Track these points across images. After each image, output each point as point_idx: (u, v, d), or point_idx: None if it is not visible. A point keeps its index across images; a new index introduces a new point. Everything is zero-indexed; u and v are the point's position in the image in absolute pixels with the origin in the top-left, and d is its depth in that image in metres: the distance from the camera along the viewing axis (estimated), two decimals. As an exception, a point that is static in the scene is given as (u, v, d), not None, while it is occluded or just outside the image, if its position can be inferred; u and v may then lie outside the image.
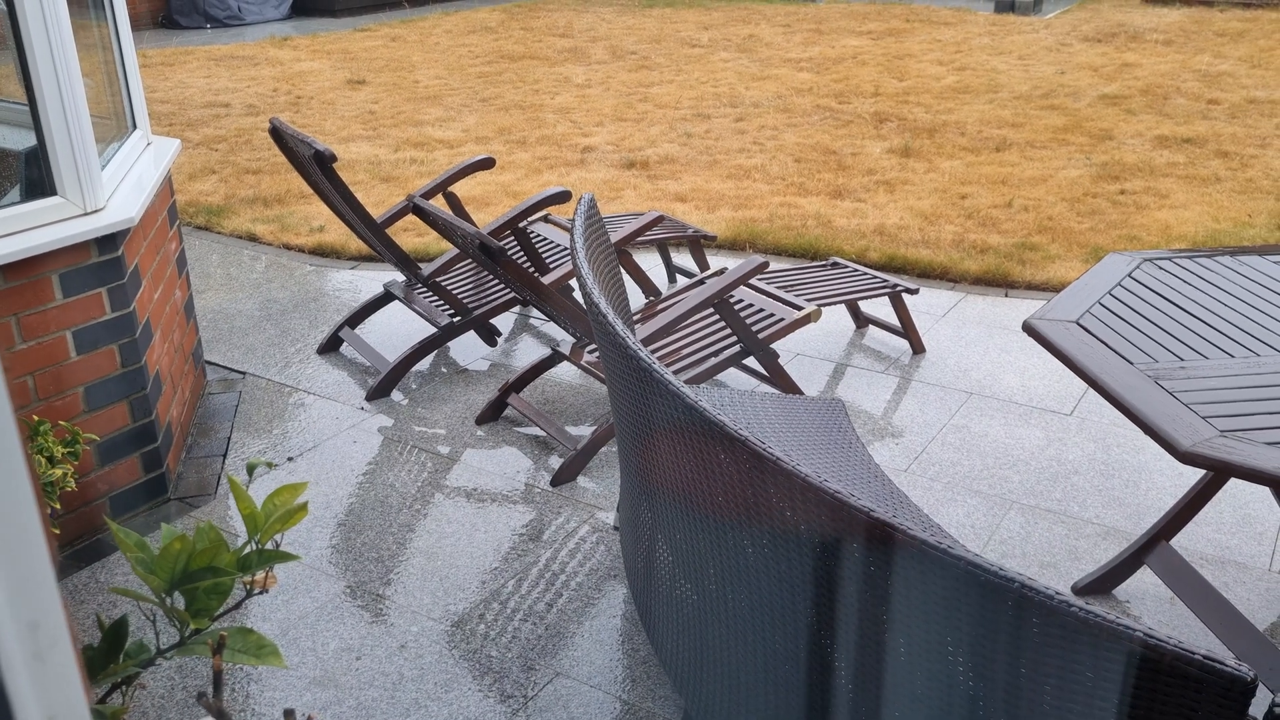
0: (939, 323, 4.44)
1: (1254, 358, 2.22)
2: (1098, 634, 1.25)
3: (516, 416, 3.78)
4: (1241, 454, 1.86)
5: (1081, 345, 2.25)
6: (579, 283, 2.14)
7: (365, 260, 5.33)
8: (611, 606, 2.82)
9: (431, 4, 14.91)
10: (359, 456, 3.53)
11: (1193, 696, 1.22)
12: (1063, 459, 3.45)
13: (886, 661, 1.56)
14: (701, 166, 6.74)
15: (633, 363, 1.81)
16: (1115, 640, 1.24)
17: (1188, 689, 1.21)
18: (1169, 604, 2.80)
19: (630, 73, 9.75)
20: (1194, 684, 1.21)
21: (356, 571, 2.95)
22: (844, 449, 2.49)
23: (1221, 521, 3.11)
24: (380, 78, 9.74)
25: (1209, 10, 12.49)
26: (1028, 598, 1.29)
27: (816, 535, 1.54)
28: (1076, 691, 1.31)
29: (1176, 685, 1.22)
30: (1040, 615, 1.29)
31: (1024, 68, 9.54)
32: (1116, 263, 2.70)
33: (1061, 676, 1.32)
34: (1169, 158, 6.66)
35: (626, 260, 4.30)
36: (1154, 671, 1.23)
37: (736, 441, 1.55)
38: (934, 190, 6.11)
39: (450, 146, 7.38)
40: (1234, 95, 8.25)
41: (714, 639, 2.01)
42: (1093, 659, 1.28)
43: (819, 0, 14.39)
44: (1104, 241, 5.25)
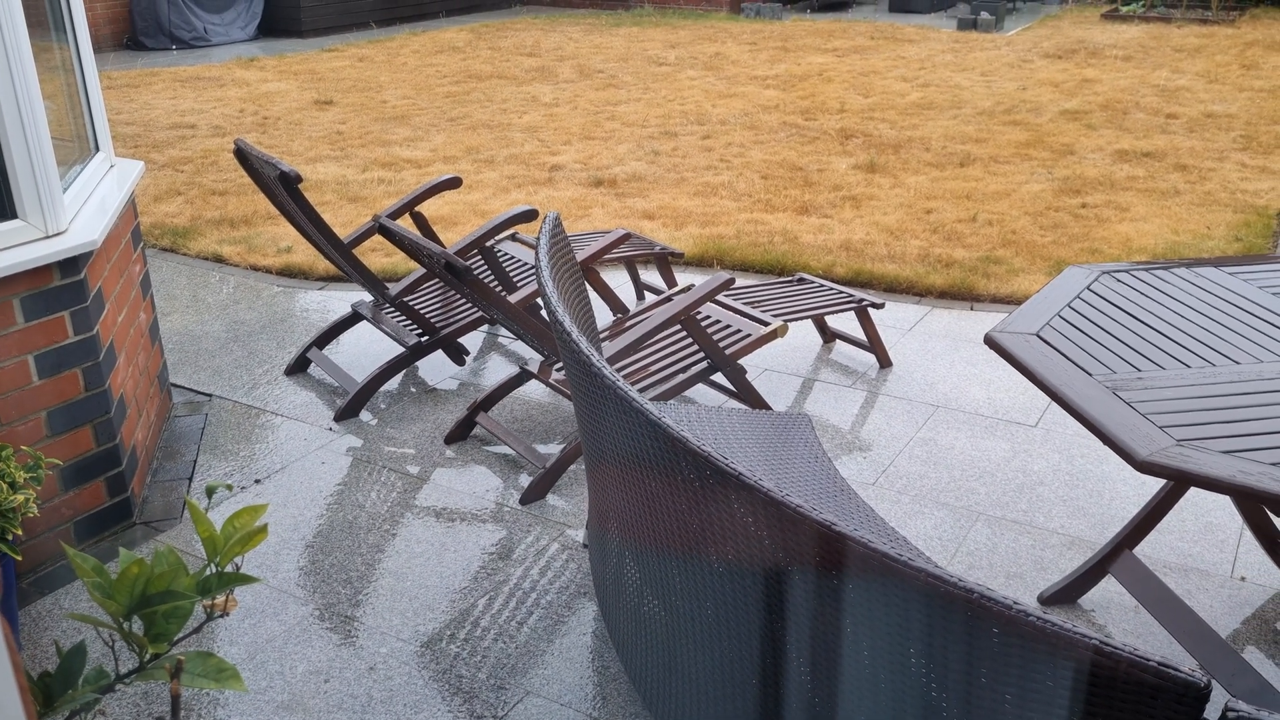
0: (905, 336, 4.48)
1: (1209, 368, 2.26)
2: (1055, 643, 1.27)
3: (485, 435, 3.78)
4: (1197, 462, 1.89)
5: (1041, 357, 2.28)
6: (543, 301, 2.15)
7: (333, 281, 5.32)
8: (582, 624, 2.81)
9: (399, 24, 14.93)
10: (327, 478, 3.52)
11: (1149, 702, 1.24)
12: (1028, 470, 3.49)
13: (851, 671, 1.57)
14: (669, 184, 6.77)
15: (596, 380, 1.82)
16: (1072, 648, 1.26)
17: (1144, 695, 1.23)
18: (1133, 612, 2.83)
19: (597, 91, 9.79)
20: (1150, 690, 1.23)
21: (325, 593, 2.94)
22: (810, 463, 2.51)
23: (1184, 530, 3.15)
24: (348, 98, 9.73)
25: (1167, 26, 12.70)
26: (986, 608, 1.31)
27: (780, 549, 1.55)
28: (1036, 698, 1.33)
29: (1133, 692, 1.24)
30: (999, 625, 1.31)
31: (987, 84, 9.66)
32: (1075, 276, 2.74)
33: (1021, 684, 1.33)
34: (1129, 171, 6.75)
35: (594, 278, 4.31)
36: (1110, 678, 1.24)
37: (699, 457, 1.56)
38: (899, 205, 6.17)
39: (418, 166, 7.38)
40: (1192, 110, 8.39)
41: (682, 655, 2.02)
42: (1051, 667, 1.29)
43: (785, 18, 14.51)
44: (1066, 254, 5.31)
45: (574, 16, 15.37)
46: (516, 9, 16.79)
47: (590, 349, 1.86)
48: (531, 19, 15.17)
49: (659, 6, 15.98)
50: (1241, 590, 2.90)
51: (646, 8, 16.00)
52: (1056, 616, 1.27)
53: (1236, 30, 12.24)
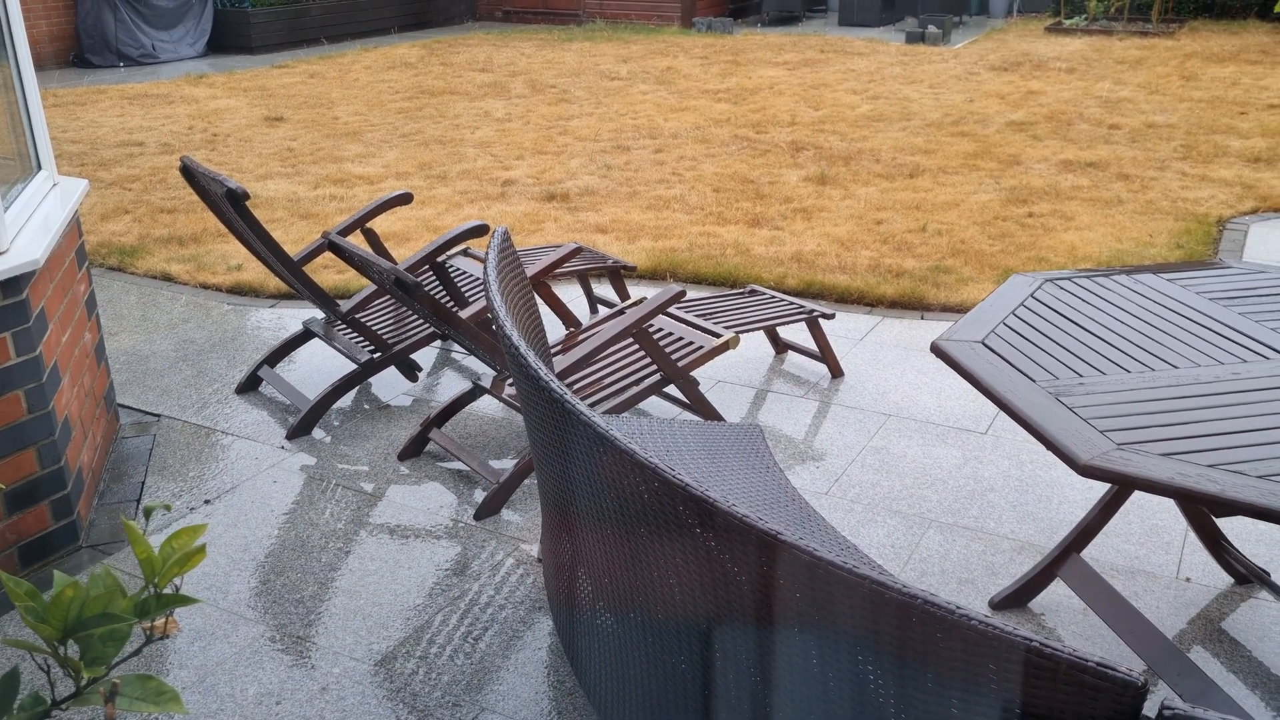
0: (857, 346, 4.52)
1: (1149, 372, 2.30)
2: (997, 646, 1.28)
3: (439, 451, 3.76)
4: (1137, 465, 1.93)
5: (986, 365, 2.31)
6: (492, 316, 2.15)
7: (285, 298, 5.27)
8: (537, 639, 2.81)
9: (350, 40, 14.86)
10: (279, 497, 3.48)
11: (1089, 702, 1.26)
12: (979, 477, 3.53)
13: (801, 677, 1.58)
14: (621, 198, 6.79)
15: (544, 394, 1.82)
16: (1013, 651, 1.27)
17: (1084, 694, 1.25)
18: (1082, 615, 2.87)
19: (550, 106, 9.81)
20: (1089, 690, 1.25)
21: (277, 614, 2.90)
22: (761, 473, 2.53)
23: (1130, 533, 3.20)
24: (299, 114, 9.67)
25: (1108, 39, 12.94)
26: (930, 613, 1.32)
27: (729, 559, 1.56)
28: (980, 700, 1.34)
29: (1073, 691, 1.26)
30: (943, 629, 1.33)
31: (935, 96, 9.79)
32: (1020, 284, 2.78)
33: (966, 686, 1.35)
34: (1074, 181, 6.87)
35: (546, 292, 4.31)
36: (1051, 679, 1.26)
37: (646, 469, 1.57)
38: (850, 216, 6.23)
39: (370, 182, 7.35)
40: (1133, 120, 8.55)
41: (634, 667, 2.02)
42: (994, 669, 1.31)
43: (735, 32, 14.63)
44: (1014, 263, 5.39)
45: (526, 32, 15.39)
46: (469, 25, 16.79)
47: (538, 363, 1.86)
48: (484, 35, 15.18)
49: (611, 21, 16.05)
50: (1187, 591, 2.95)
51: (598, 23, 16.06)
52: (1001, 620, 1.29)
53: (1176, 42, 12.50)
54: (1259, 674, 2.64)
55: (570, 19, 16.44)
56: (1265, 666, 2.66)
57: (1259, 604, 2.89)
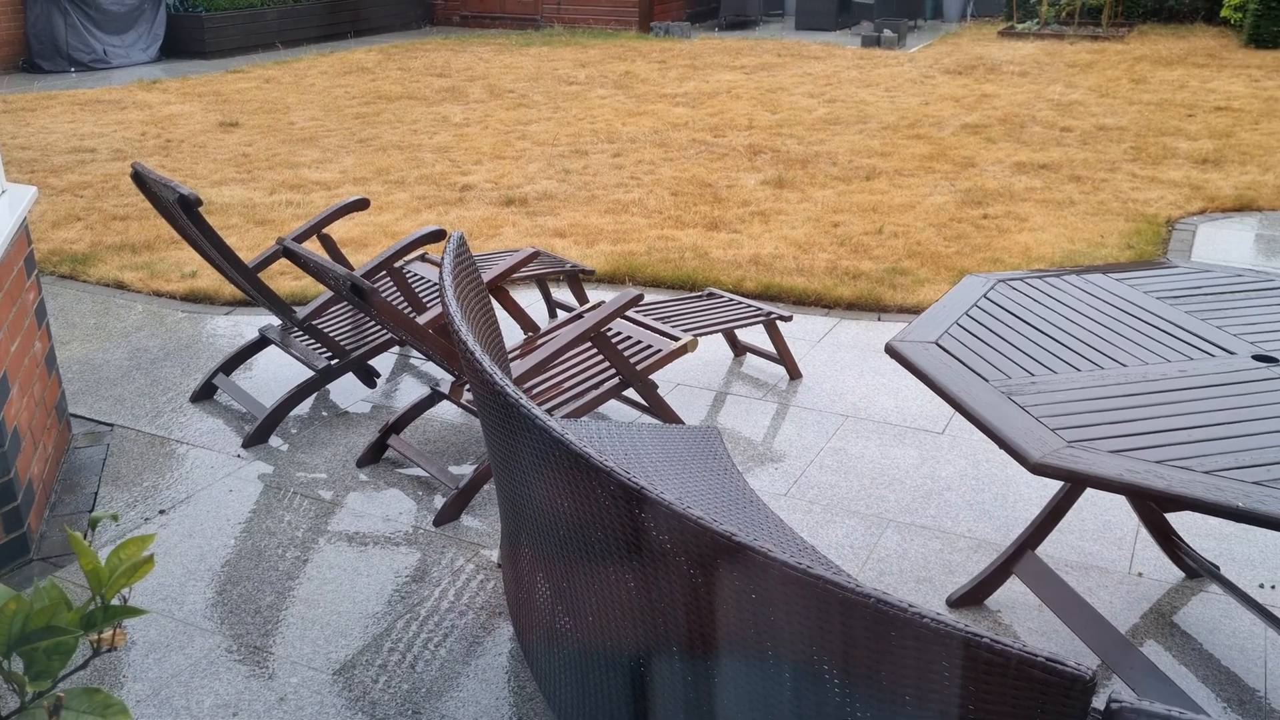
0: (815, 348, 4.55)
1: (1099, 371, 2.33)
2: (949, 642, 1.30)
3: (398, 458, 3.74)
4: (1087, 463, 1.96)
5: (940, 365, 2.34)
6: (448, 321, 2.14)
7: (240, 305, 5.22)
8: (498, 644, 2.80)
9: (306, 45, 14.75)
10: (236, 506, 3.45)
11: (1039, 696, 1.27)
12: (936, 476, 3.56)
13: (759, 678, 1.59)
14: (580, 202, 6.79)
15: (500, 398, 1.82)
16: (965, 647, 1.29)
17: (1034, 689, 1.27)
18: (1037, 611, 2.90)
19: (508, 111, 9.79)
20: (1039, 685, 1.26)
21: (233, 624, 2.88)
22: (719, 475, 2.54)
23: (1084, 529, 3.25)
24: (254, 120, 9.58)
25: (1060, 43, 13.12)
26: (883, 612, 1.34)
27: (684, 561, 1.57)
28: (934, 695, 1.36)
29: (1024, 686, 1.28)
30: (896, 627, 1.34)
31: (890, 99, 9.87)
32: (973, 284, 2.82)
33: (919, 682, 1.37)
34: (1027, 183, 6.96)
35: (504, 297, 4.30)
36: (1002, 674, 1.28)
37: (602, 472, 1.57)
38: (807, 219, 6.27)
39: (327, 188, 7.30)
40: (1085, 123, 8.67)
41: (594, 671, 2.02)
42: (947, 665, 1.33)
43: (693, 36, 14.67)
44: (969, 264, 5.45)
45: (484, 37, 15.36)
46: (426, 30, 16.72)
47: (493, 367, 1.86)
48: (441, 39, 15.12)
49: (569, 26, 16.04)
50: (1139, 586, 3.00)
51: (556, 27, 16.05)
52: (954, 618, 1.31)
53: (1126, 46, 12.69)
54: (1209, 666, 2.68)
55: (528, 23, 16.42)
56: (1215, 659, 2.71)
57: (1209, 597, 2.94)
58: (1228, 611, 2.88)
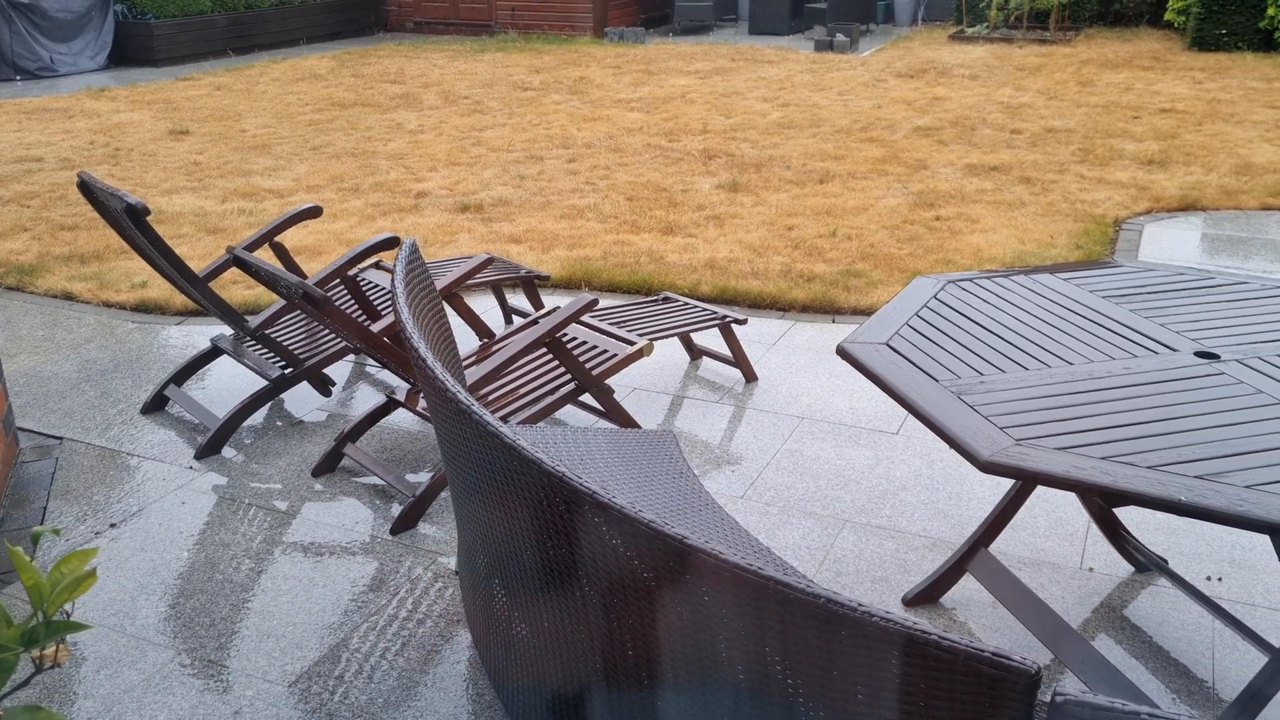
0: (770, 351, 4.57)
1: (1046, 369, 2.37)
2: (898, 640, 1.31)
3: (354, 466, 3.71)
4: (1034, 460, 1.99)
5: (890, 366, 2.36)
6: (400, 329, 2.14)
7: (192, 315, 5.17)
8: (456, 652, 2.79)
9: (258, 52, 14.62)
10: (188, 518, 3.41)
11: (987, 691, 1.29)
12: (891, 476, 3.59)
13: (713, 676, 1.60)
14: (535, 208, 6.79)
15: (451, 405, 1.81)
16: (914, 645, 1.31)
17: (982, 684, 1.29)
18: (991, 608, 2.94)
19: (463, 117, 9.76)
20: (987, 680, 1.28)
21: (186, 638, 2.84)
22: (675, 479, 2.55)
23: (1036, 526, 3.29)
24: (205, 127, 9.48)
25: (1009, 47, 13.29)
26: (833, 611, 1.35)
27: (638, 565, 1.58)
28: (885, 692, 1.37)
29: (972, 681, 1.30)
30: (846, 627, 1.35)
31: (843, 103, 9.95)
32: (923, 285, 2.85)
33: (870, 680, 1.38)
34: (978, 185, 7.04)
35: (459, 303, 4.29)
36: (951, 670, 1.30)
37: (553, 477, 1.57)
38: (762, 223, 6.31)
39: (280, 196, 7.24)
40: (1034, 125, 8.79)
41: (551, 677, 2.02)
42: (897, 663, 1.34)
43: (647, 42, 14.71)
44: (922, 266, 5.51)
45: (438, 43, 15.30)
46: (379, 36, 16.63)
47: (445, 374, 1.86)
48: (395, 46, 15.05)
49: (523, 32, 16.03)
50: (1090, 580, 3.04)
51: (511, 33, 16.03)
52: (902, 615, 1.32)
53: (1073, 49, 12.89)
54: (1159, 658, 2.73)
55: (482, 30, 16.38)
56: (1165, 651, 2.76)
57: (1158, 590, 2.99)
58: (1176, 604, 2.93)
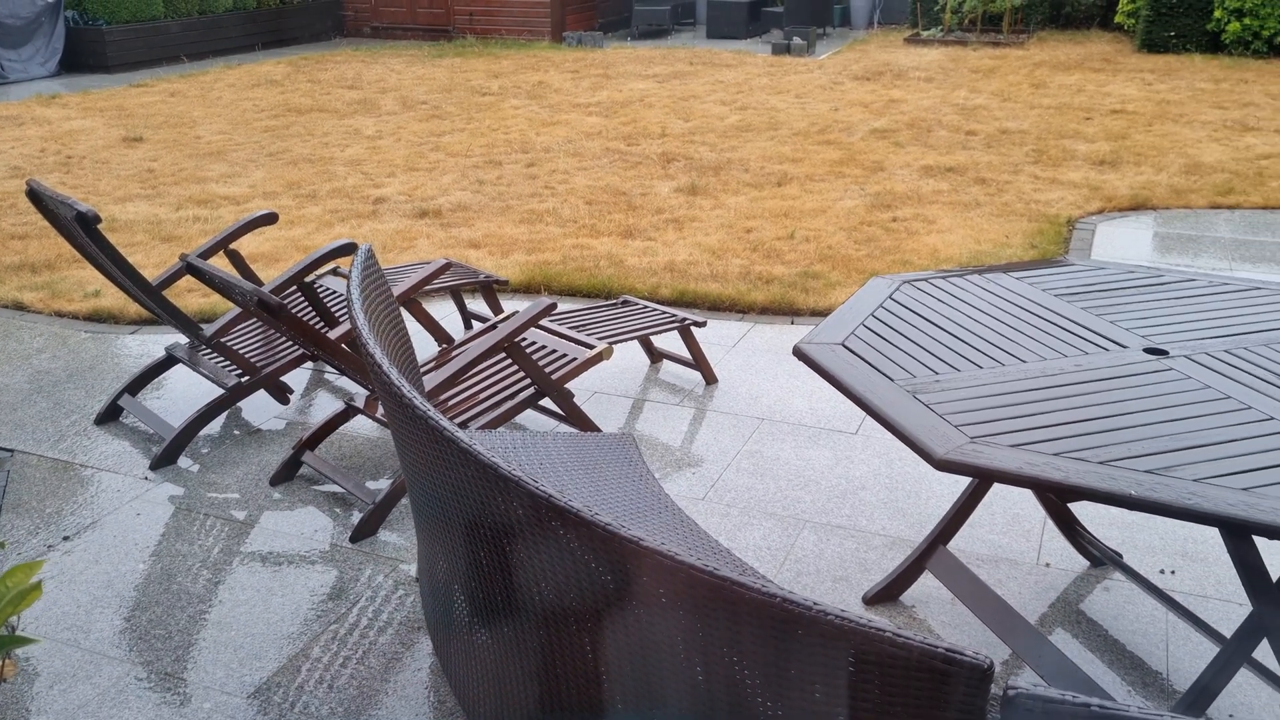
0: (730, 353, 4.59)
1: (1000, 367, 2.40)
2: (853, 637, 1.33)
3: (313, 474, 3.69)
4: (988, 457, 2.01)
5: (846, 366, 2.38)
6: (356, 335, 2.13)
7: (147, 324, 5.11)
8: (417, 660, 2.77)
9: (212, 58, 14.48)
10: (144, 529, 3.37)
11: (941, 686, 1.31)
12: (850, 476, 3.62)
13: (671, 674, 1.60)
14: (494, 213, 6.77)
15: (408, 411, 1.81)
16: (869, 642, 1.32)
17: (935, 679, 1.30)
18: (950, 605, 2.97)
19: (421, 123, 9.72)
20: (940, 675, 1.30)
21: (143, 651, 2.81)
22: (635, 482, 2.55)
23: (994, 523, 3.33)
24: (159, 134, 9.37)
25: (964, 49, 13.44)
26: (789, 611, 1.36)
27: (596, 568, 1.58)
28: (841, 689, 1.39)
29: (926, 677, 1.31)
30: (802, 625, 1.36)
31: (801, 106, 10.01)
32: (878, 286, 2.87)
33: (827, 677, 1.39)
34: (934, 186, 7.11)
35: (418, 309, 4.27)
36: (905, 666, 1.31)
37: (510, 482, 1.57)
38: (721, 226, 6.33)
39: (236, 203, 7.17)
40: (988, 126, 8.89)
41: (511, 683, 2.02)
42: (853, 660, 1.35)
43: (606, 46, 14.72)
44: (879, 267, 5.55)
45: (396, 48, 15.22)
46: (336, 41, 16.53)
47: (400, 379, 1.85)
48: (352, 51, 14.96)
49: (481, 37, 15.99)
50: (1047, 576, 3.08)
51: (469, 38, 15.98)
52: (856, 614, 1.33)
53: (1026, 52, 13.05)
54: (1114, 651, 2.77)
55: (441, 34, 16.32)
56: (1120, 644, 2.79)
57: (1113, 584, 3.03)
58: (1130, 598, 2.97)
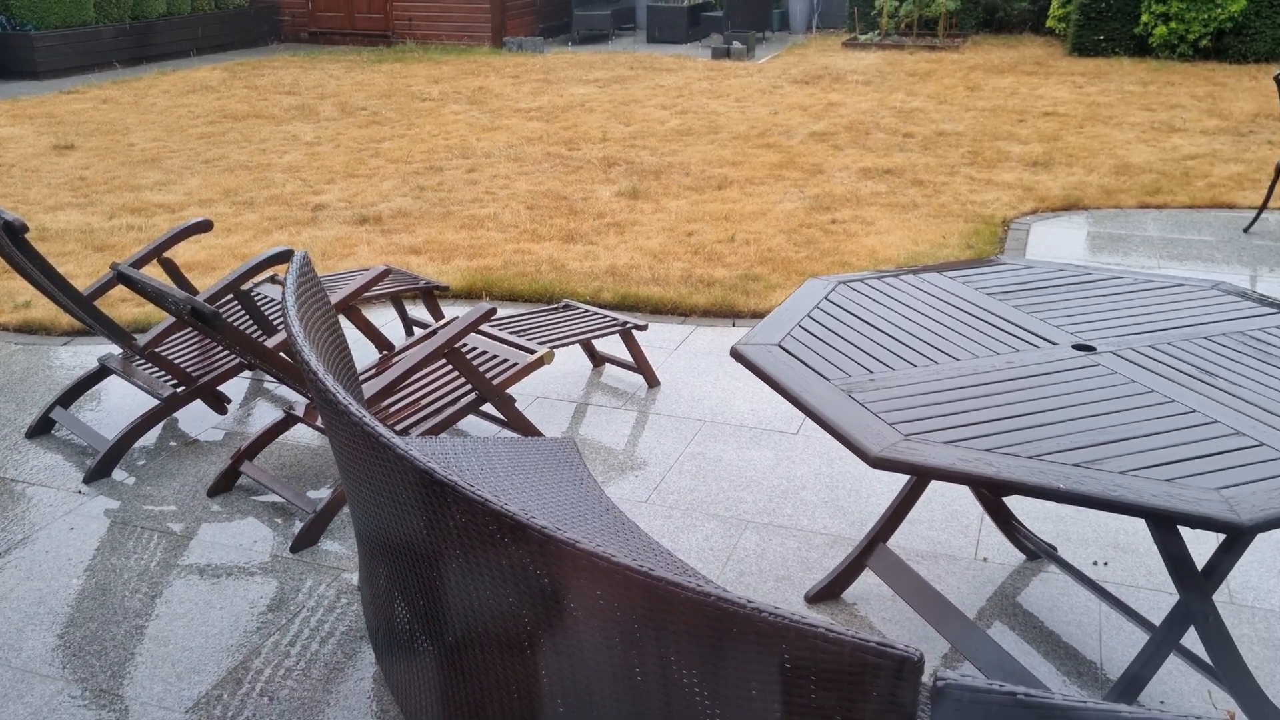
0: (672, 356, 4.61)
1: (933, 365, 2.44)
2: (786, 634, 1.34)
3: (252, 485, 3.64)
4: (922, 454, 2.04)
5: (782, 366, 2.40)
6: (292, 343, 2.11)
7: (80, 335, 5.01)
8: (360, 670, 2.75)
9: (146, 64, 14.24)
10: (77, 545, 3.31)
11: (873, 678, 1.33)
12: (792, 476, 3.65)
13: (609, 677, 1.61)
14: (435, 218, 6.74)
15: (344, 417, 1.80)
16: (801, 638, 1.33)
17: (868, 672, 1.32)
18: (891, 601, 3.00)
19: (361, 129, 9.64)
20: (872, 668, 1.32)
21: (77, 668, 2.76)
22: (575, 485, 2.55)
23: (933, 519, 3.38)
24: (91, 142, 9.20)
25: (900, 53, 13.61)
26: (723, 609, 1.37)
27: (536, 572, 1.58)
28: (776, 685, 1.40)
29: (859, 670, 1.33)
30: (736, 623, 1.38)
31: (741, 109, 10.08)
32: (814, 287, 2.90)
33: (762, 673, 1.41)
34: (873, 188, 7.20)
35: (357, 316, 4.24)
36: (838, 660, 1.33)
37: (446, 487, 1.57)
38: (662, 229, 6.36)
39: (172, 211, 7.06)
40: (925, 129, 9.02)
41: (453, 690, 2.01)
42: (787, 656, 1.37)
43: (546, 51, 14.71)
44: (819, 268, 5.61)
45: (334, 54, 15.09)
46: (273, 46, 16.34)
47: (336, 386, 1.84)
48: (289, 56, 14.80)
49: (421, 42, 15.90)
50: (985, 570, 3.13)
51: (409, 44, 15.88)
52: (789, 610, 1.35)
53: (961, 55, 13.25)
54: (1050, 643, 2.82)
55: (380, 40, 16.20)
56: (1056, 635, 2.85)
57: (1049, 577, 3.09)
58: (1065, 590, 3.03)
